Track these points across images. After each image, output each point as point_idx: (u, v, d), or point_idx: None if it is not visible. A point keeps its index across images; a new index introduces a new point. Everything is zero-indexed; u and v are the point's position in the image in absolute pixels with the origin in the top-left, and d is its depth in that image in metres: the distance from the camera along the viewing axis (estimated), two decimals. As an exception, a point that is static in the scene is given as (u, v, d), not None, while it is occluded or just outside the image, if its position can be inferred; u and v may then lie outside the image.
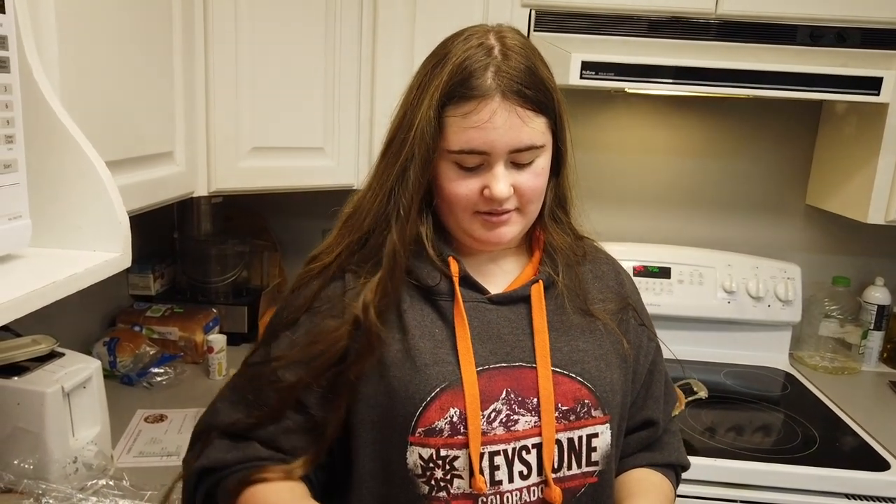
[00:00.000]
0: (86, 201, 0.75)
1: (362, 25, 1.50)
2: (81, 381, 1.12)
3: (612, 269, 0.95)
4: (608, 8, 1.46)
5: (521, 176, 0.80)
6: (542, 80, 0.79)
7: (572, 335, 0.85)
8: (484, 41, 0.79)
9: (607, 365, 0.86)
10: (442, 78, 0.77)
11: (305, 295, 0.85)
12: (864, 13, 1.44)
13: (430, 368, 0.80)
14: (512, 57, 0.78)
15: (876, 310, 1.81)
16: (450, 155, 0.79)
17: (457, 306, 0.82)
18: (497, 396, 0.80)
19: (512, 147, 0.77)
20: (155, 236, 1.85)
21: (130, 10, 1.04)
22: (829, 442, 1.43)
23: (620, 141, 1.88)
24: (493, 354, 0.82)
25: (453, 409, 0.79)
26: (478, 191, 0.79)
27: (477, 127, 0.76)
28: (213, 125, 1.32)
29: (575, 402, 0.82)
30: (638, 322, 0.94)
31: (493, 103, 0.76)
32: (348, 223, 0.86)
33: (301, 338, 0.83)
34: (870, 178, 1.55)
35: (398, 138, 0.81)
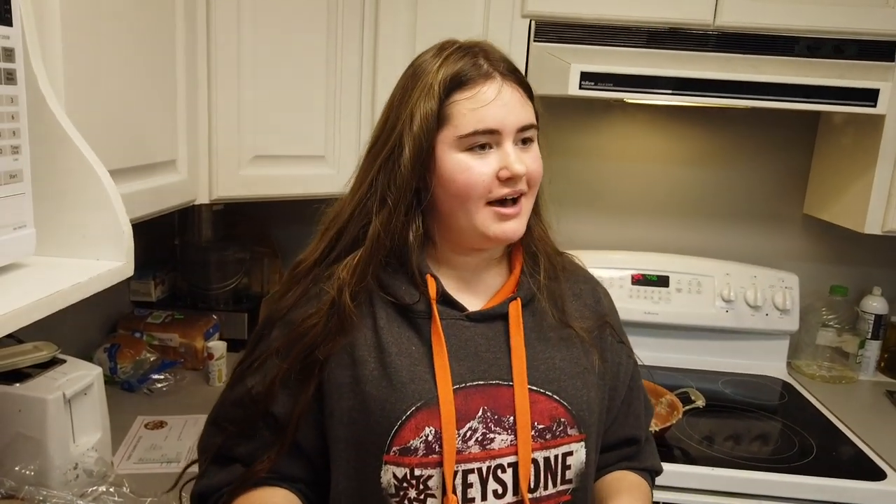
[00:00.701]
0: (90, 211, 0.76)
1: (363, 36, 1.51)
2: (83, 387, 1.13)
3: (589, 287, 0.96)
4: (607, 19, 1.47)
5: (527, 158, 0.82)
6: (521, 73, 0.85)
7: (550, 353, 0.85)
8: (458, 44, 0.83)
9: (584, 383, 0.86)
10: (438, 73, 0.79)
11: (282, 306, 0.86)
12: (861, 25, 1.46)
13: (406, 386, 0.79)
14: (494, 52, 0.84)
15: (873, 319, 1.82)
16: (460, 141, 0.79)
17: (434, 326, 0.82)
18: (473, 415, 0.80)
19: (520, 123, 0.80)
20: (156, 243, 1.85)
21: (134, 21, 1.05)
22: (826, 451, 1.43)
23: (620, 150, 1.89)
24: (470, 372, 0.82)
25: (429, 428, 0.78)
26: (493, 174, 0.80)
27: (487, 105, 0.79)
28: (215, 134, 1.33)
29: (551, 421, 0.82)
30: (616, 339, 0.94)
31: (495, 82, 0.80)
32: (330, 223, 0.87)
33: (272, 346, 0.84)
34: (867, 188, 1.56)
35: (381, 138, 0.83)
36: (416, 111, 0.79)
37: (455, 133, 0.79)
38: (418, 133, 0.79)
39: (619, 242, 1.91)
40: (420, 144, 0.79)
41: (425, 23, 1.50)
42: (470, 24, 1.50)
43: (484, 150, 0.80)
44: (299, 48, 1.42)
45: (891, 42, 1.47)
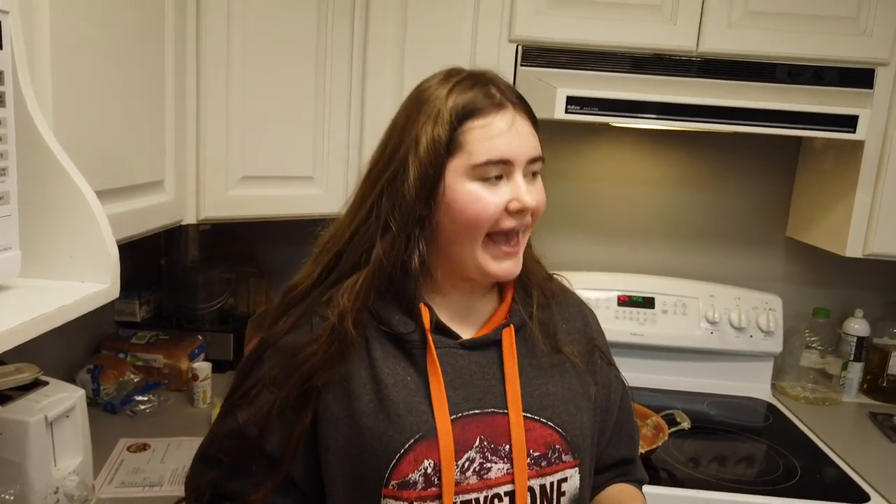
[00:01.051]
0: (76, 232, 0.76)
1: (352, 58, 1.53)
2: (65, 410, 1.11)
3: (578, 310, 0.96)
4: (593, 45, 1.50)
5: (534, 190, 0.82)
6: (528, 104, 0.84)
7: (543, 378, 0.86)
8: (473, 71, 0.83)
9: (577, 408, 0.86)
10: (450, 98, 0.78)
11: (280, 328, 0.85)
12: (840, 53, 1.49)
13: (403, 419, 0.78)
14: (501, 81, 0.83)
15: (855, 341, 1.84)
16: (473, 171, 0.78)
17: (430, 356, 0.81)
18: (471, 445, 0.80)
19: (531, 155, 0.80)
20: (142, 262, 1.84)
21: (123, 43, 1.05)
22: (810, 474, 1.44)
23: (606, 172, 1.91)
24: (465, 401, 0.82)
25: (427, 461, 0.78)
26: (503, 205, 0.79)
27: (501, 134, 0.78)
28: (203, 155, 1.33)
29: (546, 448, 0.82)
30: (605, 361, 0.94)
31: (509, 112, 0.79)
32: (326, 246, 0.86)
33: (267, 374, 0.82)
34: (847, 212, 1.58)
35: (382, 161, 0.82)
36: (423, 135, 0.78)
37: (468, 161, 0.78)
38: (425, 158, 0.77)
39: (605, 264, 1.93)
40: (426, 170, 0.78)
41: (413, 47, 1.52)
42: (458, 48, 1.52)
43: (495, 181, 0.79)
44: (288, 70, 1.43)
45: (869, 69, 1.50)
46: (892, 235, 1.55)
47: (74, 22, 0.91)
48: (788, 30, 1.48)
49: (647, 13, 1.49)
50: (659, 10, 1.49)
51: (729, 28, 1.48)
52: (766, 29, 1.48)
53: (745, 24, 1.48)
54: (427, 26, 1.51)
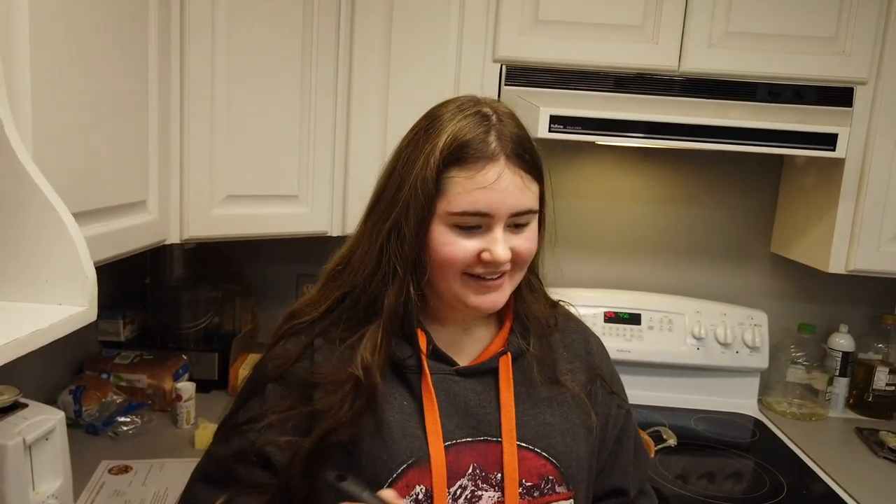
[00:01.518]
0: (53, 254, 0.75)
1: (338, 75, 1.53)
2: (44, 433, 1.10)
3: (581, 337, 0.95)
4: (576, 65, 1.51)
5: (517, 239, 0.80)
6: (535, 147, 0.82)
7: (539, 408, 0.85)
8: (479, 109, 0.80)
9: (573, 439, 0.85)
10: (441, 139, 0.77)
11: (284, 355, 0.85)
12: (819, 72, 1.51)
13: (397, 443, 0.79)
14: (508, 123, 0.80)
15: (841, 356, 1.85)
16: (449, 217, 0.78)
17: (425, 382, 0.81)
18: (464, 472, 0.79)
19: (514, 210, 0.78)
20: (126, 282, 1.83)
21: (106, 62, 1.05)
22: (796, 490, 1.44)
23: (590, 189, 1.92)
24: (459, 428, 0.82)
25: (419, 487, 0.78)
26: (475, 254, 0.79)
27: (484, 188, 0.76)
28: (187, 174, 1.33)
29: (539, 479, 0.82)
30: (607, 391, 0.93)
31: (498, 165, 0.77)
32: (336, 278, 0.86)
33: (281, 394, 0.82)
34: (829, 228, 1.60)
35: (387, 195, 0.81)
36: (418, 177, 0.77)
37: (446, 208, 0.78)
38: (422, 199, 0.77)
39: (591, 280, 1.93)
40: (422, 212, 0.78)
41: (398, 66, 1.53)
42: (443, 68, 1.53)
43: (473, 229, 0.78)
44: (273, 88, 1.44)
45: (848, 88, 1.52)
46: (874, 252, 1.56)
47: (54, 40, 0.91)
48: (768, 49, 1.50)
49: (629, 33, 1.50)
50: (641, 30, 1.50)
51: (710, 48, 1.50)
52: (747, 49, 1.50)
53: (725, 44, 1.50)
54: (411, 46, 1.52)
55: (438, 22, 1.52)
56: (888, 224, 1.55)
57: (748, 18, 1.50)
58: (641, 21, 1.50)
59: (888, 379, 1.82)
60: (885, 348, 1.84)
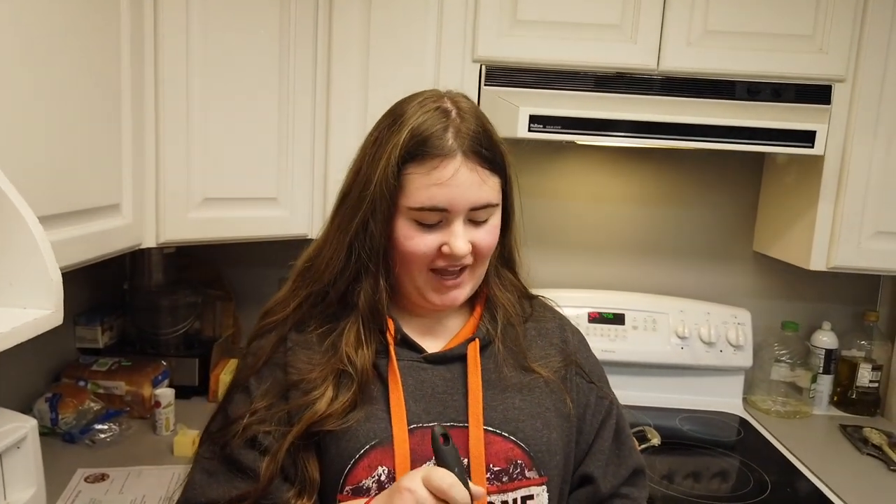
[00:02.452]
0: (16, 257, 0.74)
1: (316, 76, 1.52)
2: (15, 441, 1.07)
3: (557, 326, 0.96)
4: (555, 64, 1.51)
5: (478, 233, 0.82)
6: (496, 142, 0.83)
7: (509, 394, 0.85)
8: (440, 104, 0.81)
9: (544, 424, 0.85)
10: (401, 136, 0.79)
11: (257, 353, 0.86)
12: (797, 70, 1.51)
13: (361, 425, 0.80)
14: (468, 119, 0.81)
15: (824, 354, 1.85)
16: (409, 212, 0.80)
17: (391, 366, 0.83)
18: (429, 456, 0.79)
19: (472, 204, 0.80)
20: (105, 287, 1.81)
21: (75, 61, 1.04)
22: (781, 488, 1.44)
23: (573, 189, 1.92)
24: (426, 413, 0.82)
25: (382, 468, 0.78)
26: (436, 248, 0.81)
27: (440, 184, 0.78)
28: (162, 177, 1.31)
29: (507, 463, 0.82)
30: (586, 380, 0.93)
31: (455, 161, 0.78)
32: (304, 276, 0.87)
33: (263, 392, 0.83)
34: (810, 225, 1.60)
35: (354, 193, 0.83)
36: (381, 175, 0.79)
37: (406, 203, 0.79)
38: (386, 196, 0.79)
39: (575, 281, 1.93)
40: (387, 209, 0.80)
41: (377, 67, 1.52)
42: (422, 70, 1.52)
43: (431, 224, 0.80)
44: (250, 89, 1.42)
45: (826, 86, 1.53)
46: (855, 248, 1.56)
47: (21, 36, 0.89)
48: (746, 48, 1.50)
49: (607, 33, 1.50)
50: (619, 29, 1.50)
51: (688, 47, 1.50)
52: (725, 47, 1.50)
53: (704, 42, 1.51)
54: (390, 47, 1.51)
55: (417, 22, 1.51)
56: (868, 220, 1.55)
57: (726, 17, 1.50)
58: (620, 20, 1.50)
59: (871, 376, 1.83)
60: (868, 345, 1.85)
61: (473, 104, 0.85)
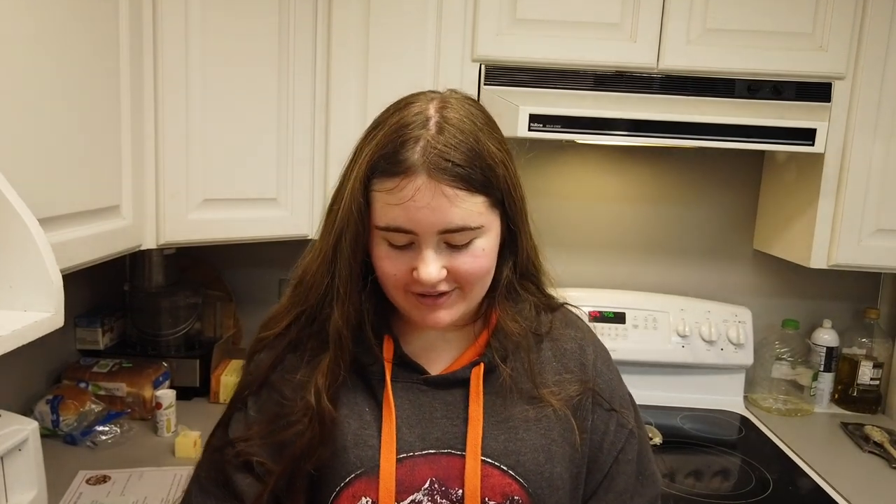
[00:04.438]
0: (16, 260, 0.74)
1: (316, 76, 1.52)
2: (16, 443, 1.07)
3: (577, 346, 0.86)
4: (555, 63, 1.51)
5: (458, 258, 0.73)
6: (481, 155, 0.72)
7: (513, 423, 0.79)
8: (423, 110, 0.73)
9: (548, 458, 0.78)
10: (371, 149, 0.72)
11: (252, 372, 0.83)
12: (797, 68, 1.51)
13: (349, 451, 0.77)
14: (447, 131, 0.71)
15: (825, 352, 1.85)
16: (378, 231, 0.73)
17: (385, 393, 0.79)
18: (418, 486, 0.76)
19: (440, 228, 0.71)
20: (105, 288, 1.81)
21: (75, 62, 1.04)
22: (783, 486, 1.44)
23: (573, 188, 1.92)
24: (420, 440, 0.78)
25: (366, 499, 0.75)
26: (407, 270, 0.74)
27: (401, 204, 0.70)
28: (162, 178, 1.31)
29: (503, 498, 0.76)
30: (605, 408, 0.84)
31: (417, 180, 0.69)
32: (296, 292, 0.83)
33: (255, 417, 0.81)
34: (811, 223, 1.60)
35: (334, 209, 0.77)
36: (351, 190, 0.73)
37: (374, 222, 0.73)
38: (357, 217, 0.73)
39: (575, 280, 1.93)
40: (357, 229, 0.74)
41: (377, 67, 1.51)
42: (421, 68, 1.52)
43: (402, 245, 0.74)
44: (250, 88, 1.42)
45: (826, 83, 1.53)
46: (855, 246, 1.56)
47: (20, 42, 0.89)
48: (746, 46, 1.50)
49: (607, 31, 1.50)
50: (619, 28, 1.50)
51: (688, 45, 1.50)
52: (725, 45, 1.50)
53: (703, 41, 1.50)
54: (389, 47, 1.51)
55: (416, 22, 1.51)
56: (869, 218, 1.55)
57: (725, 15, 1.50)
58: (619, 19, 1.50)
59: (872, 373, 1.83)
60: (869, 343, 1.85)
61: (467, 111, 0.75)
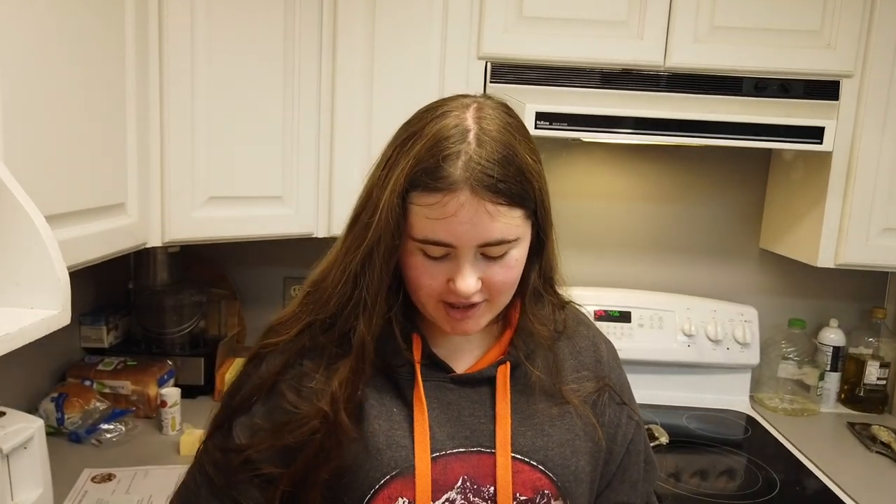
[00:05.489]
0: (24, 257, 0.73)
1: (321, 74, 1.51)
2: (22, 441, 1.07)
3: (591, 344, 0.89)
4: (561, 61, 1.50)
5: (492, 268, 0.74)
6: (521, 169, 0.72)
7: (538, 419, 0.81)
8: (460, 123, 0.72)
9: (573, 452, 0.81)
10: (409, 161, 0.71)
11: (262, 376, 0.81)
12: (805, 66, 1.50)
13: (382, 453, 0.76)
14: (487, 144, 0.71)
15: (831, 351, 1.84)
16: (414, 242, 0.73)
17: (417, 392, 0.79)
18: (452, 485, 0.77)
19: (480, 242, 0.72)
20: (109, 286, 1.81)
21: (81, 60, 1.03)
22: (789, 486, 1.43)
23: (579, 187, 1.91)
24: (451, 439, 0.79)
25: (402, 499, 0.75)
26: (443, 281, 0.74)
27: (443, 219, 0.70)
28: (167, 176, 1.30)
29: (534, 493, 0.78)
30: (617, 402, 0.87)
31: (460, 196, 0.69)
32: (310, 299, 0.81)
33: (261, 423, 0.80)
34: (818, 222, 1.59)
35: (363, 219, 0.75)
36: (388, 204, 0.72)
37: (411, 233, 0.72)
38: (393, 231, 0.72)
39: (581, 279, 1.92)
40: (393, 243, 0.73)
41: (382, 66, 1.51)
42: (427, 67, 1.51)
43: (438, 256, 0.73)
44: (255, 86, 1.42)
45: (834, 81, 1.52)
46: (863, 245, 1.55)
47: (27, 37, 0.89)
48: (754, 44, 1.49)
49: (614, 29, 1.49)
50: (626, 25, 1.49)
51: (695, 43, 1.49)
52: (732, 43, 1.49)
53: (711, 38, 1.50)
54: (395, 45, 1.51)
55: (422, 20, 1.50)
56: (877, 217, 1.54)
57: (733, 13, 1.49)
58: (626, 17, 1.49)
59: (879, 373, 1.82)
60: (876, 342, 1.84)
61: (503, 120, 0.74)
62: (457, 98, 0.76)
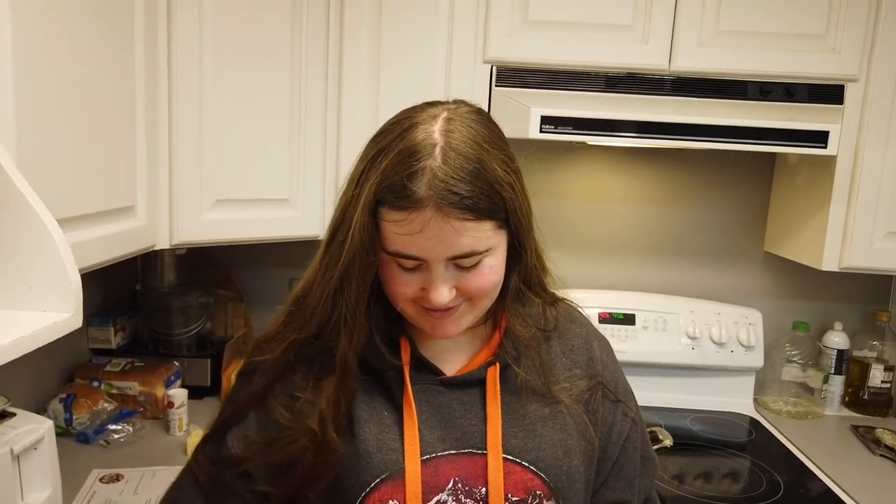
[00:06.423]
0: (36, 261, 0.74)
1: (328, 77, 1.53)
2: (32, 442, 1.08)
3: (583, 342, 0.89)
4: (566, 65, 1.51)
5: (466, 277, 0.75)
6: (489, 182, 0.71)
7: (530, 420, 0.81)
8: (427, 137, 0.71)
9: (565, 452, 0.81)
10: (377, 177, 0.71)
11: (253, 390, 0.82)
12: (810, 70, 1.51)
13: (372, 456, 0.77)
14: (452, 160, 0.70)
15: (835, 354, 1.84)
16: (388, 254, 0.74)
17: (406, 395, 0.79)
18: (443, 487, 0.77)
19: (449, 255, 0.72)
20: (117, 288, 1.82)
21: (91, 65, 1.04)
22: (793, 489, 1.43)
23: (584, 189, 1.92)
24: (441, 441, 0.79)
25: (392, 502, 0.76)
26: (418, 289, 0.75)
27: (411, 235, 0.70)
28: (176, 179, 1.32)
29: (526, 493, 0.78)
30: (611, 399, 0.87)
31: (425, 213, 0.69)
32: (294, 317, 0.81)
33: (253, 436, 0.81)
34: (822, 226, 1.60)
35: (338, 238, 0.75)
36: (360, 222, 0.72)
37: (383, 245, 0.73)
38: (367, 248, 0.72)
39: (585, 281, 1.93)
40: (367, 259, 0.73)
41: (388, 68, 1.52)
42: (433, 71, 1.52)
43: (411, 268, 0.74)
44: (262, 90, 1.43)
45: (839, 85, 1.52)
46: (867, 249, 1.56)
47: (38, 43, 0.90)
48: (758, 48, 1.50)
49: (619, 33, 1.50)
50: (630, 29, 1.50)
51: (700, 47, 1.50)
52: (737, 47, 1.50)
53: (715, 42, 1.50)
54: (401, 48, 1.51)
55: (428, 24, 1.51)
56: (881, 221, 1.55)
57: (738, 17, 1.49)
58: (631, 21, 1.50)
59: (883, 376, 1.82)
60: (880, 345, 1.84)
61: (473, 130, 0.73)
62: (426, 107, 0.76)
